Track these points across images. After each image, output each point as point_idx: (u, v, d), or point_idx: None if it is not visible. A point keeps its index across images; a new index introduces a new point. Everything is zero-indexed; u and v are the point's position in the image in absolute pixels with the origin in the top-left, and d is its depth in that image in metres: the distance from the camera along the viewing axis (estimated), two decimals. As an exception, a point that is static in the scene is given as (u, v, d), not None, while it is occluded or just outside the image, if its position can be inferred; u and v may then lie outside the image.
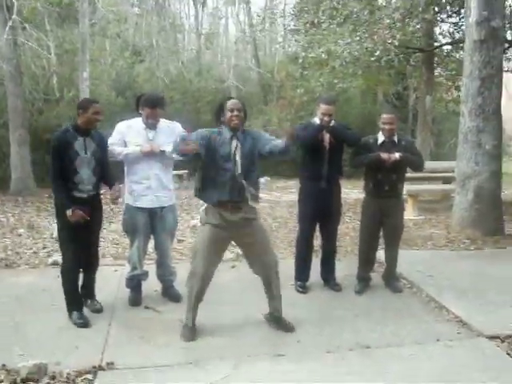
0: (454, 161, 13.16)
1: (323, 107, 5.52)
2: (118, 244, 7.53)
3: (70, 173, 4.74)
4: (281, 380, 3.85)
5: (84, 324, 4.78)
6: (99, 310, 5.11)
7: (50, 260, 6.60)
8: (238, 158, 4.40)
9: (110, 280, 5.81)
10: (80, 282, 5.08)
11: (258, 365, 4.07)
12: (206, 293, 4.68)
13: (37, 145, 14.24)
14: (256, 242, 4.60)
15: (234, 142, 4.43)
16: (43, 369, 3.90)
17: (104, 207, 5.27)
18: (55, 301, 5.22)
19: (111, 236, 7.93)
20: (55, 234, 7.71)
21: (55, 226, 7.78)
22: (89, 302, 5.18)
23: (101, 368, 4.01)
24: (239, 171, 4.40)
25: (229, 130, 4.44)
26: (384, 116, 5.67)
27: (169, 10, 23.06)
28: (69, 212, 4.66)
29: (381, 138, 5.66)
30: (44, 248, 7.27)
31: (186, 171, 14.49)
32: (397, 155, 5.49)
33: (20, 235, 8.05)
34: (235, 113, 4.41)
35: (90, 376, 3.90)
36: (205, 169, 4.46)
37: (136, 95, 5.50)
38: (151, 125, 5.12)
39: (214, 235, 4.48)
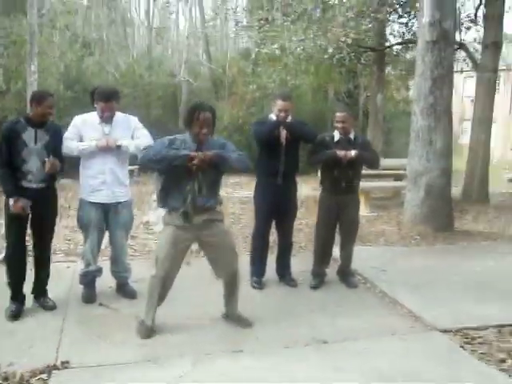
0: (404, 158, 13.50)
1: (280, 103, 5.52)
2: (69, 240, 7.36)
3: (18, 163, 4.69)
4: (240, 376, 3.84)
5: (13, 316, 4.76)
6: (52, 308, 5.00)
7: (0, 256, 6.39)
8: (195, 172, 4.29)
9: (62, 276, 5.69)
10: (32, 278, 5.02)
11: (216, 361, 4.06)
12: None
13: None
14: (219, 243, 4.54)
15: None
16: (-5, 369, 3.79)
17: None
18: (5, 300, 5.08)
19: (63, 232, 7.74)
20: (2, 231, 7.52)
21: (2, 222, 7.59)
22: (41, 299, 5.06)
23: (55, 367, 3.92)
24: (196, 184, 4.33)
25: (194, 142, 4.33)
26: (338, 114, 5.73)
27: (119, 3, 22.72)
28: (11, 201, 4.64)
29: (337, 135, 5.71)
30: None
31: (136, 166, 14.28)
32: (352, 153, 5.55)
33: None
34: (204, 130, 4.27)
35: (44, 376, 3.81)
36: (167, 176, 4.38)
37: (85, 89, 5.43)
38: (106, 119, 5.03)
39: (176, 236, 4.42)
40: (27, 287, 5.02)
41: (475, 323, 4.89)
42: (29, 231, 5.00)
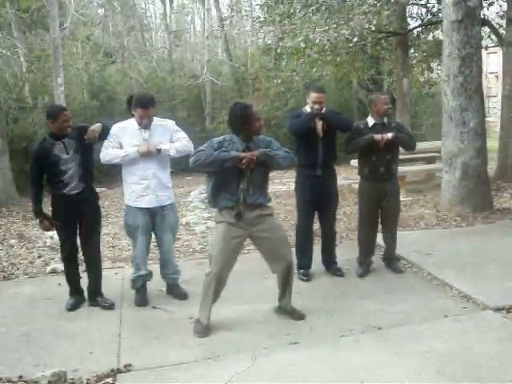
0: (433, 141, 13.39)
1: (313, 95, 5.58)
2: (113, 246, 7.48)
3: (58, 176, 5.02)
4: (299, 368, 3.89)
5: (72, 307, 5.22)
6: (112, 306, 5.24)
7: (48, 268, 6.55)
8: (246, 171, 4.43)
9: (112, 283, 5.78)
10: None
11: (275, 355, 4.11)
12: None
13: (15, 154, 14.05)
14: (272, 237, 4.62)
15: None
16: (62, 377, 3.89)
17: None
18: (60, 309, 5.23)
19: (105, 239, 7.87)
20: (49, 243, 7.70)
21: (48, 233, 7.77)
22: (98, 299, 5.29)
23: (119, 371, 4.01)
24: (246, 183, 4.46)
25: (241, 140, 4.47)
26: (382, 97, 5.80)
27: (135, 10, 22.89)
28: (39, 221, 5.17)
29: (371, 121, 5.74)
30: (40, 257, 7.20)
31: (170, 170, 14.42)
32: (389, 135, 5.58)
33: (12, 246, 7.95)
34: (257, 124, 4.49)
35: (110, 380, 3.90)
36: (217, 177, 4.50)
37: (109, 97, 5.60)
38: (145, 125, 5.11)
39: (229, 233, 4.51)
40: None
41: (527, 299, 4.88)
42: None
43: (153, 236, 5.41)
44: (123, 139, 5.13)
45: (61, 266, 6.45)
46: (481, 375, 3.67)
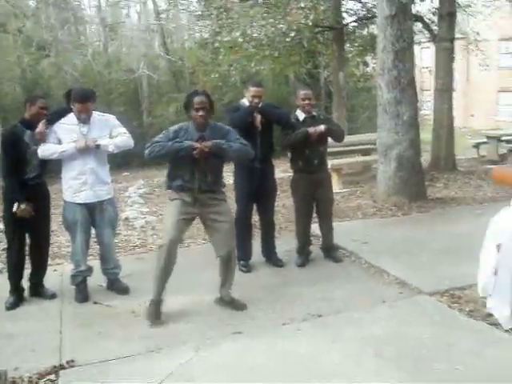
0: (368, 133, 13.68)
1: (252, 89, 5.65)
2: (52, 243, 7.31)
3: (23, 165, 5.07)
4: (242, 357, 3.96)
5: (12, 306, 5.14)
6: (54, 295, 5.34)
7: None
8: (200, 160, 4.58)
9: (51, 280, 5.66)
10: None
11: (218, 345, 4.16)
12: (150, 284, 4.79)
13: None
14: (220, 221, 4.76)
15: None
16: (3, 375, 3.78)
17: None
18: (0, 307, 5.11)
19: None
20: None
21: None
22: (40, 290, 5.36)
23: (62, 367, 3.98)
24: (201, 171, 4.64)
25: (196, 129, 4.64)
26: (301, 92, 5.91)
27: (69, 2, 22.35)
28: (16, 206, 4.98)
29: (301, 115, 5.88)
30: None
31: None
32: (322, 127, 5.73)
33: None
34: (200, 113, 4.57)
35: (52, 377, 3.87)
36: (173, 161, 4.68)
37: (44, 92, 5.56)
38: (84, 119, 5.05)
39: (182, 208, 4.68)
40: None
41: (459, 283, 5.10)
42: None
43: (92, 231, 5.37)
44: (61, 134, 5.05)
45: (-2, 265, 6.33)
46: (416, 356, 3.83)
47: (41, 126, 4.98)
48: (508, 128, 17.39)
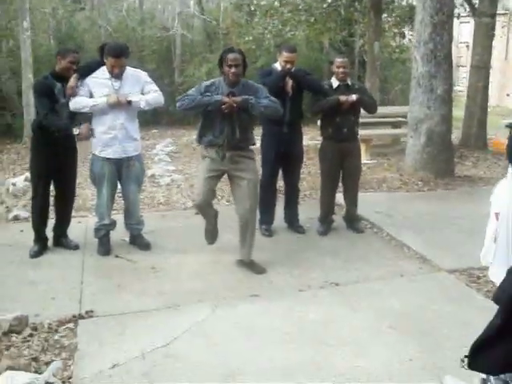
0: (400, 106, 13.50)
1: (286, 55, 5.60)
2: (76, 196, 7.42)
3: (52, 116, 5.07)
4: (258, 319, 4.02)
5: (36, 255, 5.26)
6: (77, 246, 5.47)
7: (11, 215, 6.50)
8: (229, 115, 4.69)
9: (75, 232, 5.76)
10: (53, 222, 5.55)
11: (235, 306, 4.22)
12: (175, 239, 5.30)
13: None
14: (245, 178, 4.85)
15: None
16: (24, 320, 3.92)
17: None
18: (22, 256, 5.23)
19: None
20: (11, 190, 7.62)
21: (10, 180, 7.70)
22: (64, 240, 5.48)
23: (81, 316, 4.08)
24: (230, 126, 4.73)
25: (227, 84, 4.74)
26: (338, 60, 5.81)
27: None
28: (76, 129, 5.08)
29: (335, 82, 5.81)
30: (1, 203, 7.13)
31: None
32: (354, 97, 5.65)
33: (-27, 192, 7.85)
34: (233, 69, 4.65)
35: (71, 325, 3.97)
36: (205, 116, 4.81)
37: (77, 45, 5.61)
38: (116, 74, 5.06)
39: (210, 166, 4.86)
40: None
41: (480, 263, 5.05)
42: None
43: (118, 186, 5.42)
44: (93, 88, 5.07)
45: (23, 213, 6.45)
46: (430, 331, 3.84)
47: (72, 81, 4.99)
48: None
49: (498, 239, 4.24)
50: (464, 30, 27.87)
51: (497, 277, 4.20)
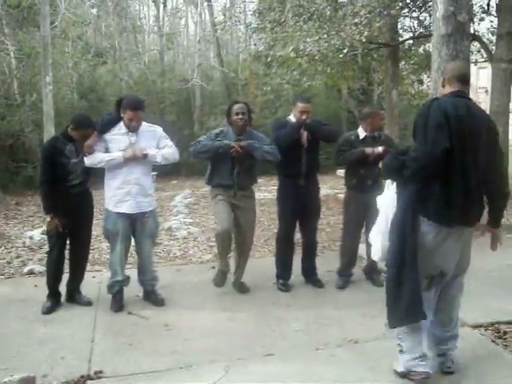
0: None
1: (300, 105, 5.57)
2: (93, 249, 7.38)
3: (65, 174, 5.11)
4: (273, 381, 3.84)
5: (49, 311, 5.17)
6: (90, 303, 5.37)
7: (26, 269, 6.47)
8: (236, 158, 5.28)
9: (88, 287, 5.69)
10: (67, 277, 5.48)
11: (249, 366, 4.06)
12: (190, 295, 5.23)
13: (0, 151, 13.94)
14: (245, 214, 5.49)
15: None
16: (31, 381, 3.80)
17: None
18: (35, 311, 5.16)
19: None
20: (28, 243, 7.60)
21: (28, 233, 7.69)
22: (77, 296, 5.42)
23: (89, 377, 3.95)
24: (237, 168, 5.33)
25: (234, 131, 5.39)
26: (380, 112, 5.98)
27: (129, 11, 22.82)
28: (48, 218, 5.16)
29: (362, 133, 5.77)
30: (18, 257, 7.10)
31: (155, 173, 14.28)
32: (380, 149, 5.59)
33: (-9, 245, 7.85)
34: (240, 116, 5.34)
35: (79, 386, 3.84)
36: (213, 161, 5.40)
37: (99, 98, 5.66)
38: (134, 128, 5.06)
39: (223, 199, 5.41)
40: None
41: (506, 317, 4.86)
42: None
43: (132, 241, 5.35)
44: (109, 142, 5.07)
45: (38, 268, 6.41)
46: (455, 394, 3.64)
47: (91, 141, 5.02)
48: None
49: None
50: (482, 75, 27.96)
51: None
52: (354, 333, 4.62)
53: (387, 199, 4.12)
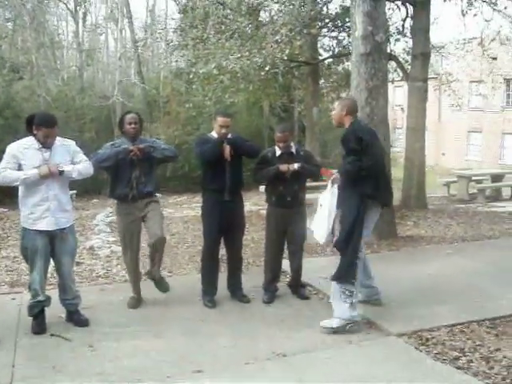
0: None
1: (221, 119, 5.58)
2: (12, 270, 7.11)
3: None
4: (203, 397, 3.81)
5: None
6: None
7: None
8: (136, 162, 5.45)
9: (8, 309, 5.49)
10: None
11: (177, 384, 4.00)
12: (115, 314, 5.16)
13: None
14: (152, 218, 5.54)
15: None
16: None
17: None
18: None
19: (4, 262, 7.50)
20: None
21: None
22: None
23: (10, 404, 3.78)
24: (138, 172, 5.48)
25: (128, 140, 5.55)
26: (278, 134, 5.81)
27: (46, 25, 22.31)
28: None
29: (278, 150, 5.80)
30: None
31: (74, 191, 13.93)
32: (295, 166, 5.64)
33: None
34: (132, 126, 5.55)
35: (-1, 414, 3.67)
36: (113, 170, 5.54)
37: (15, 114, 5.43)
38: (50, 144, 4.91)
39: (127, 220, 5.58)
40: None
41: (428, 325, 5.03)
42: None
43: (51, 261, 5.18)
44: (22, 160, 4.88)
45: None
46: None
47: None
48: (477, 167, 17.62)
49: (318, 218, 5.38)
50: (398, 93, 29.03)
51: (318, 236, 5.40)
52: (281, 346, 4.64)
53: (329, 196, 5.25)
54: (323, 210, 5.29)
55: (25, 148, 4.92)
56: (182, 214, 12.19)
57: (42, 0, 21.69)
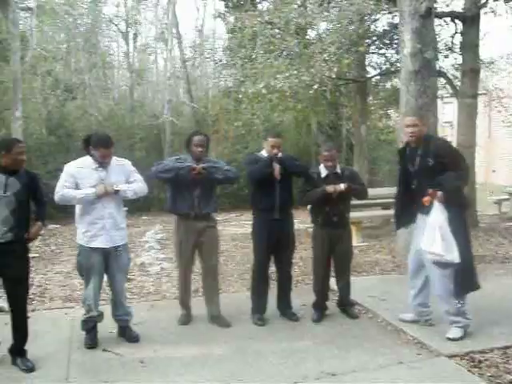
0: (389, 187, 13.57)
1: (272, 140, 5.65)
2: (65, 286, 7.28)
3: None
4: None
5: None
6: (32, 369, 4.62)
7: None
8: (197, 181, 5.47)
9: (61, 324, 5.62)
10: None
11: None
12: (165, 330, 5.19)
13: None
14: (209, 250, 5.70)
15: None
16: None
17: (45, 249, 5.13)
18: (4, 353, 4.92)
19: (57, 278, 7.68)
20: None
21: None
22: (18, 360, 4.71)
23: (64, 417, 3.86)
24: (199, 192, 5.54)
25: (193, 160, 5.54)
26: (324, 153, 5.80)
27: (98, 46, 22.88)
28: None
29: (323, 171, 5.80)
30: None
31: (126, 208, 14.18)
32: (342, 186, 5.64)
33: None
34: (199, 149, 5.57)
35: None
36: (175, 184, 5.59)
37: (68, 133, 5.60)
38: (106, 164, 5.05)
39: (185, 237, 5.64)
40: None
41: (480, 346, 4.93)
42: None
43: (105, 277, 5.29)
44: (79, 179, 5.03)
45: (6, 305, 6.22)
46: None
47: (36, 229, 4.82)
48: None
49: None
50: (447, 110, 28.61)
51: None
52: (330, 365, 4.63)
53: (440, 215, 5.13)
54: (440, 231, 5.08)
55: (82, 167, 5.07)
56: (230, 232, 12.25)
57: (95, 23, 22.29)
